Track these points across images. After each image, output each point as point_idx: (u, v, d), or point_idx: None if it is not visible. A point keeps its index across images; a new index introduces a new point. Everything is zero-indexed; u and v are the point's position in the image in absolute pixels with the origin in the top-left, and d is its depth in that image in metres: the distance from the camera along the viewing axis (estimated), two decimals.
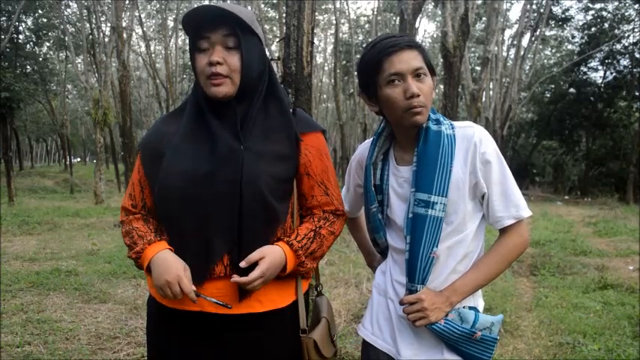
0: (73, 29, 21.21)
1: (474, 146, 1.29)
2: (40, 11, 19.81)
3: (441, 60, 8.57)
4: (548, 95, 27.64)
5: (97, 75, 17.55)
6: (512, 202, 1.31)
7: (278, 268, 1.25)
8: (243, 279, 1.20)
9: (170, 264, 1.22)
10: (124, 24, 15.22)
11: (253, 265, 1.23)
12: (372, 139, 1.46)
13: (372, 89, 1.34)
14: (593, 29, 22.84)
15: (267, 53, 1.40)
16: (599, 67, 24.17)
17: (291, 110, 1.37)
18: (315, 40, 2.86)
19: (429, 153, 1.30)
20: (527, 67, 23.03)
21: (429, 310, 1.26)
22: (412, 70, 1.27)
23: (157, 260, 1.24)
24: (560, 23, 23.93)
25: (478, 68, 22.31)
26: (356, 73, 1.48)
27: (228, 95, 1.27)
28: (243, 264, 1.21)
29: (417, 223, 1.28)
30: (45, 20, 20.66)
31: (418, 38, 26.30)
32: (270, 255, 1.24)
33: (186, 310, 1.28)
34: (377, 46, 1.31)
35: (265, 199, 1.25)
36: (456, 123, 1.36)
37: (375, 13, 23.32)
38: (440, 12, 15.74)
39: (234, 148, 1.25)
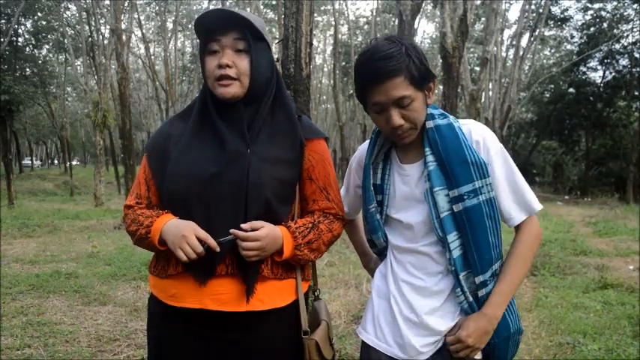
0: (73, 32, 21.24)
1: (468, 135, 1.31)
2: (39, 14, 19.83)
3: (440, 61, 8.58)
4: (548, 95, 27.68)
5: (96, 77, 17.60)
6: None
7: (275, 243, 1.27)
8: (241, 233, 1.22)
9: (182, 223, 1.25)
10: (123, 26, 15.22)
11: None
12: (369, 139, 1.46)
13: (365, 106, 1.35)
14: (592, 29, 22.87)
15: None
16: (599, 67, 24.23)
17: (296, 117, 1.40)
18: (314, 42, 2.86)
19: (450, 146, 1.28)
20: (527, 68, 23.07)
21: (477, 343, 1.27)
22: (393, 101, 1.24)
23: (169, 225, 1.26)
24: (559, 23, 23.97)
25: (477, 69, 22.29)
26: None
27: (236, 96, 1.29)
28: (246, 226, 1.23)
29: (473, 215, 1.25)
30: (44, 23, 20.69)
31: (417, 39, 26.39)
32: (270, 227, 1.26)
33: (188, 308, 1.29)
34: (360, 71, 1.27)
35: (269, 202, 1.28)
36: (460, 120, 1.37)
37: (374, 14, 23.38)
38: (439, 13, 15.74)
39: (241, 151, 1.27)
